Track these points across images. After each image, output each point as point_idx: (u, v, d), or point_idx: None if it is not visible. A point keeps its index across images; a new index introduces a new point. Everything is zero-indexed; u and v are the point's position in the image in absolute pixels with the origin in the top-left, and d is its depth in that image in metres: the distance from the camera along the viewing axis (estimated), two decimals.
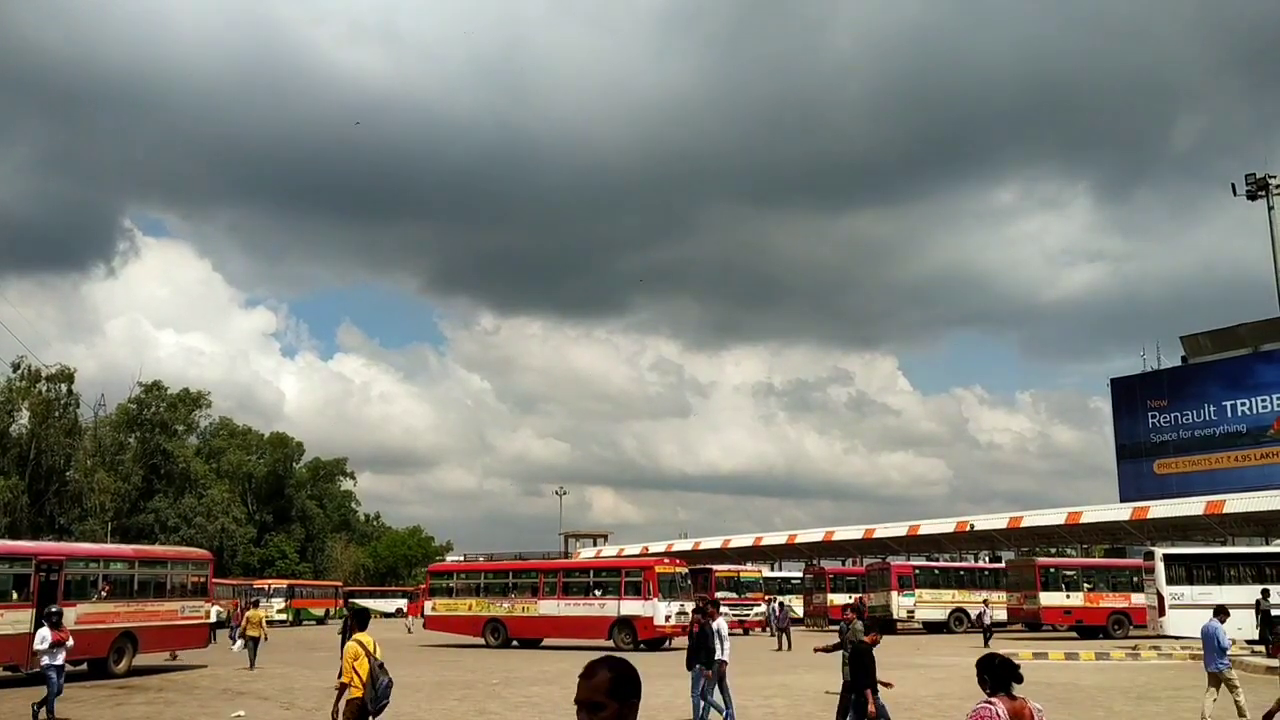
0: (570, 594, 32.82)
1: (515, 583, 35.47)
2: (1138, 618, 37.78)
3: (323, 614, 66.76)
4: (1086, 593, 38.63)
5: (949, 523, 55.80)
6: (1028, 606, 38.98)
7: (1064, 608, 38.51)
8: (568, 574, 35.24)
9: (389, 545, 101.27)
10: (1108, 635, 36.94)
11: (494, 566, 41.60)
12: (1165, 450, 55.27)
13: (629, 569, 33.85)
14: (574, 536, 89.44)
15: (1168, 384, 56.51)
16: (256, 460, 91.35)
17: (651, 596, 30.77)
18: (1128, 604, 38.25)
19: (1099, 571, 40.85)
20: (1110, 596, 38.71)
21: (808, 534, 64.39)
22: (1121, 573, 40.37)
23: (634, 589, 31.57)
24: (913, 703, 17.26)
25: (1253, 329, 51.90)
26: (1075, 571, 40.52)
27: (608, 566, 35.60)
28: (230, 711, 16.27)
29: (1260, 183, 28.19)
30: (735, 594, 42.20)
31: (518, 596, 34.32)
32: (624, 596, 31.65)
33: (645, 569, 32.62)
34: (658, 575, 31.68)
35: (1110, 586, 39.19)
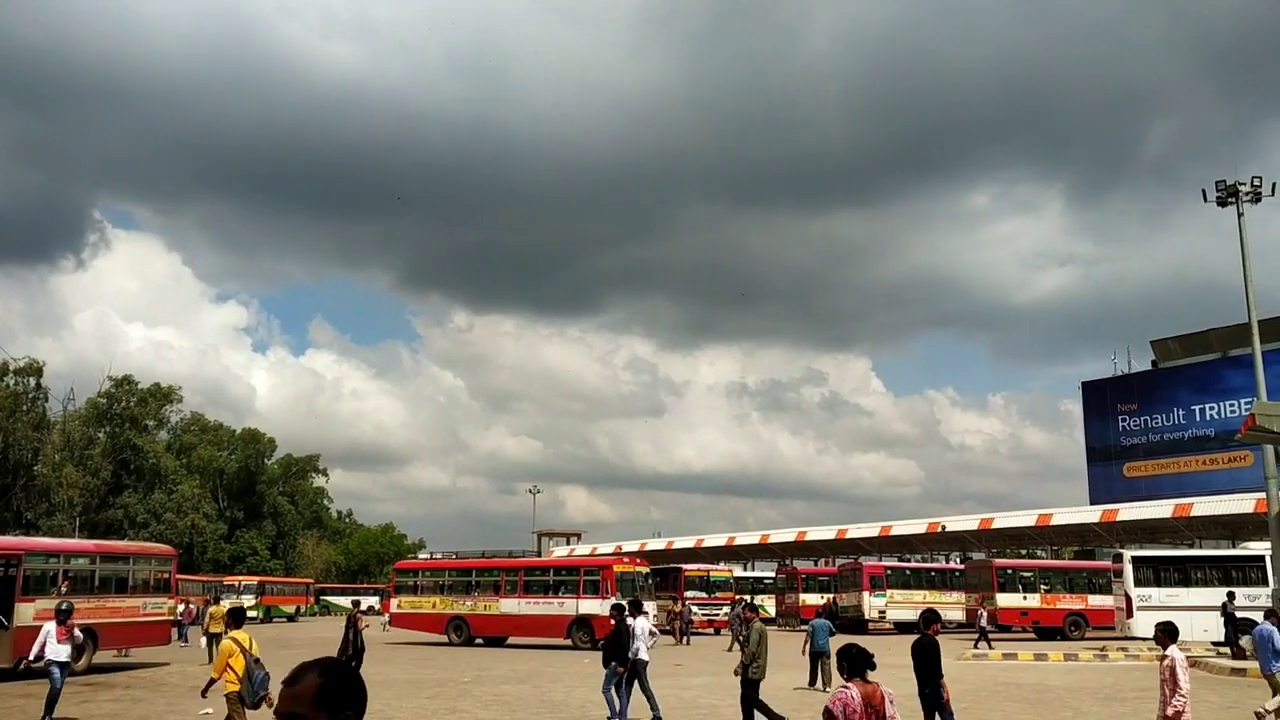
0: (531, 593, 32.83)
1: (478, 581, 35.63)
2: (1094, 619, 38.15)
3: (293, 611, 66.48)
4: (1043, 594, 38.88)
5: (921, 524, 56.08)
6: (985, 608, 39.27)
7: (1020, 609, 38.75)
8: (528, 573, 35.30)
9: (361, 543, 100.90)
10: (1064, 636, 37.17)
11: (458, 564, 41.64)
12: (1135, 453, 55.79)
13: (588, 568, 33.95)
14: (547, 535, 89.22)
15: (1138, 388, 57.06)
16: (228, 456, 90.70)
17: (609, 596, 30.68)
18: (1084, 605, 38.57)
19: (1056, 573, 41.10)
20: (1067, 598, 38.97)
21: (781, 534, 64.56)
22: (1079, 574, 40.70)
23: (592, 588, 31.60)
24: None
25: (1221, 335, 52.46)
26: (1032, 573, 40.75)
27: (567, 565, 35.69)
28: (198, 709, 16.14)
29: (1230, 190, 28.39)
30: (705, 593, 42.21)
31: (480, 595, 34.39)
32: (582, 595, 31.68)
33: (603, 568, 32.66)
34: (616, 575, 31.75)
35: (1067, 588, 39.48)
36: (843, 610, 45.11)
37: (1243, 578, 30.98)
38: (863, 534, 58.05)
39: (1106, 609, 38.59)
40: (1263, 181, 28.47)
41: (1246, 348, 29.69)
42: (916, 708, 11.55)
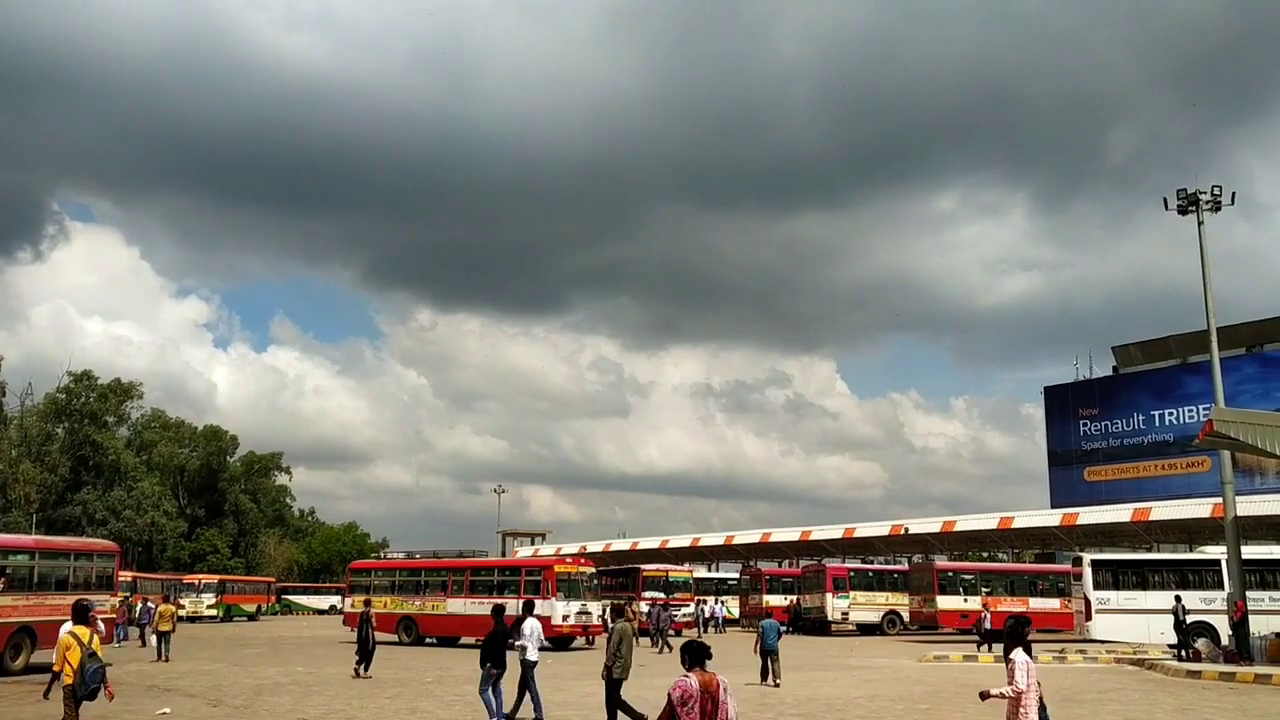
0: (476, 593, 32.74)
1: (427, 581, 35.74)
2: (1035, 621, 38.51)
3: (254, 610, 65.85)
4: (984, 597, 39.15)
5: (884, 526, 56.38)
6: (926, 610, 39.52)
7: (961, 611, 39.02)
8: (474, 573, 35.37)
9: (323, 541, 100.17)
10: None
11: (408, 564, 41.73)
12: (1095, 458, 56.37)
13: (529, 568, 33.87)
14: (512, 535, 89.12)
15: (1099, 393, 57.65)
16: (189, 453, 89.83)
17: (550, 596, 30.63)
18: (1025, 608, 38.88)
19: (997, 576, 41.46)
20: (1008, 600, 39.25)
21: (745, 535, 64.71)
22: (1020, 577, 41.12)
23: (533, 588, 31.49)
24: (845, 704, 17.41)
25: (1181, 341, 53.11)
26: (973, 576, 41.05)
27: (509, 566, 35.62)
28: (155, 709, 15.96)
29: (1191, 198, 28.72)
30: (663, 594, 42.17)
31: (428, 595, 34.41)
32: (523, 596, 31.59)
33: (545, 568, 32.57)
34: (556, 575, 31.64)
35: (1008, 591, 39.81)
36: (806, 611, 45.35)
37: (1199, 581, 31.37)
38: (827, 536, 58.29)
39: (1047, 611, 39.03)
40: (1223, 190, 28.80)
41: (1205, 354, 30.07)
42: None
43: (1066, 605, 39.39)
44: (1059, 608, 39.61)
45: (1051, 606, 39.62)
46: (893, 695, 18.87)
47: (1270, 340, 51.17)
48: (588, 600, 31.93)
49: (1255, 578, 30.04)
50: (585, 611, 31.30)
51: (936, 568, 41.02)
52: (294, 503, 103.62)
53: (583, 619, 30.98)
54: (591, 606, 31.78)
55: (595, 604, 32.28)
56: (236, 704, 16.88)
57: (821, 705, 17.15)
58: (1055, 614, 39.69)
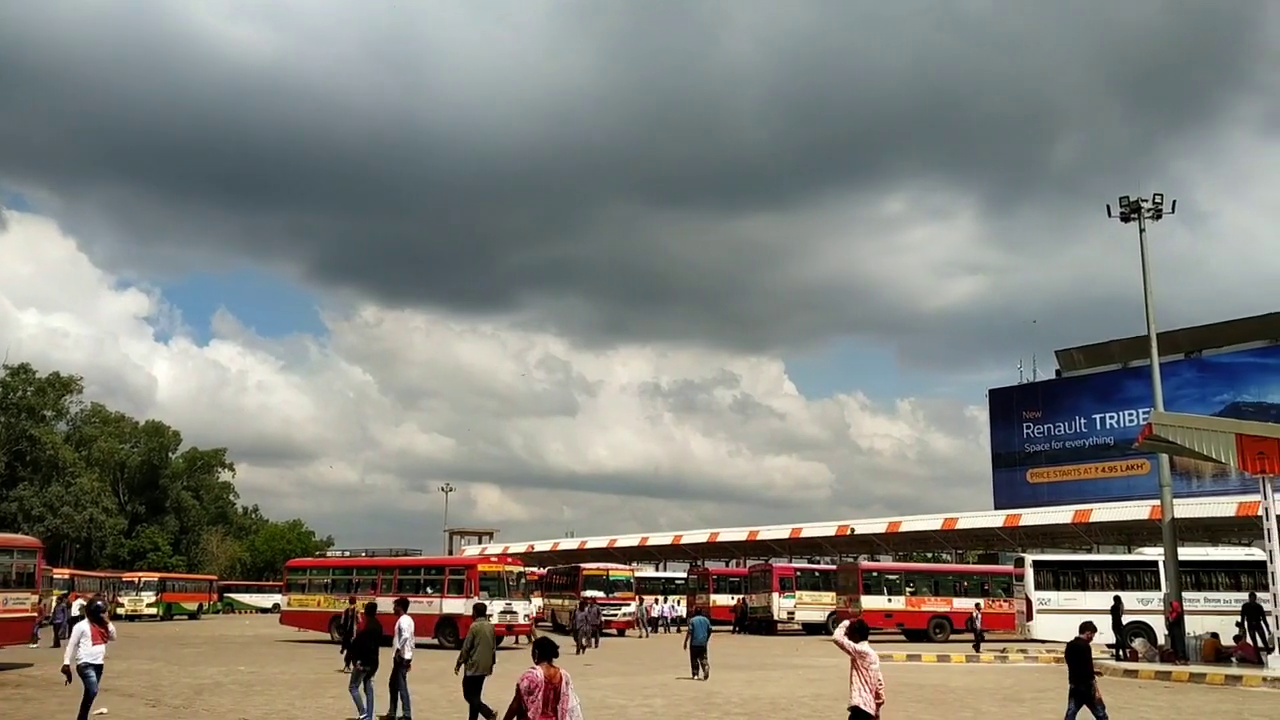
0: (403, 592, 32.52)
1: (358, 580, 35.53)
2: (958, 621, 38.98)
3: (195, 608, 64.92)
4: (909, 597, 39.49)
5: (830, 526, 56.83)
6: (851, 609, 39.82)
7: (885, 611, 39.35)
8: (402, 571, 35.18)
9: (267, 539, 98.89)
10: (928, 639, 37.75)
11: (342, 563, 41.47)
12: (1038, 460, 57.17)
13: (453, 567, 33.61)
14: (459, 534, 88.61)
15: (1042, 396, 58.47)
16: (130, 449, 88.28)
17: (473, 595, 30.47)
18: (949, 608, 39.35)
19: (922, 576, 41.82)
20: (932, 601, 39.67)
21: (693, 535, 64.92)
22: (944, 578, 41.56)
23: (456, 587, 31.38)
24: (789, 703, 17.51)
25: (1123, 346, 54.03)
26: (898, 576, 41.36)
27: (434, 564, 35.35)
28: (92, 709, 15.66)
29: (1133, 206, 29.26)
30: (604, 593, 42.13)
31: (359, 594, 34.12)
32: (447, 595, 31.43)
33: (468, 567, 32.39)
34: (480, 573, 31.50)
35: (933, 591, 40.18)
36: (753, 611, 45.55)
37: (1137, 582, 31.91)
38: (773, 536, 58.63)
39: (969, 612, 39.51)
40: (1164, 199, 29.37)
41: (1146, 359, 30.64)
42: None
43: (990, 605, 39.94)
44: (982, 608, 40.00)
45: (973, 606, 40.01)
46: (837, 694, 18.98)
47: (1208, 346, 52.22)
48: (514, 599, 31.74)
49: (1191, 579, 30.63)
50: (510, 611, 31.13)
51: (861, 568, 41.28)
52: (237, 500, 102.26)
53: (507, 618, 30.83)
54: (518, 606, 31.61)
55: (522, 603, 32.17)
56: (175, 704, 16.62)
57: (766, 704, 17.23)
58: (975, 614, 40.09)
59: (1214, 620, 27.50)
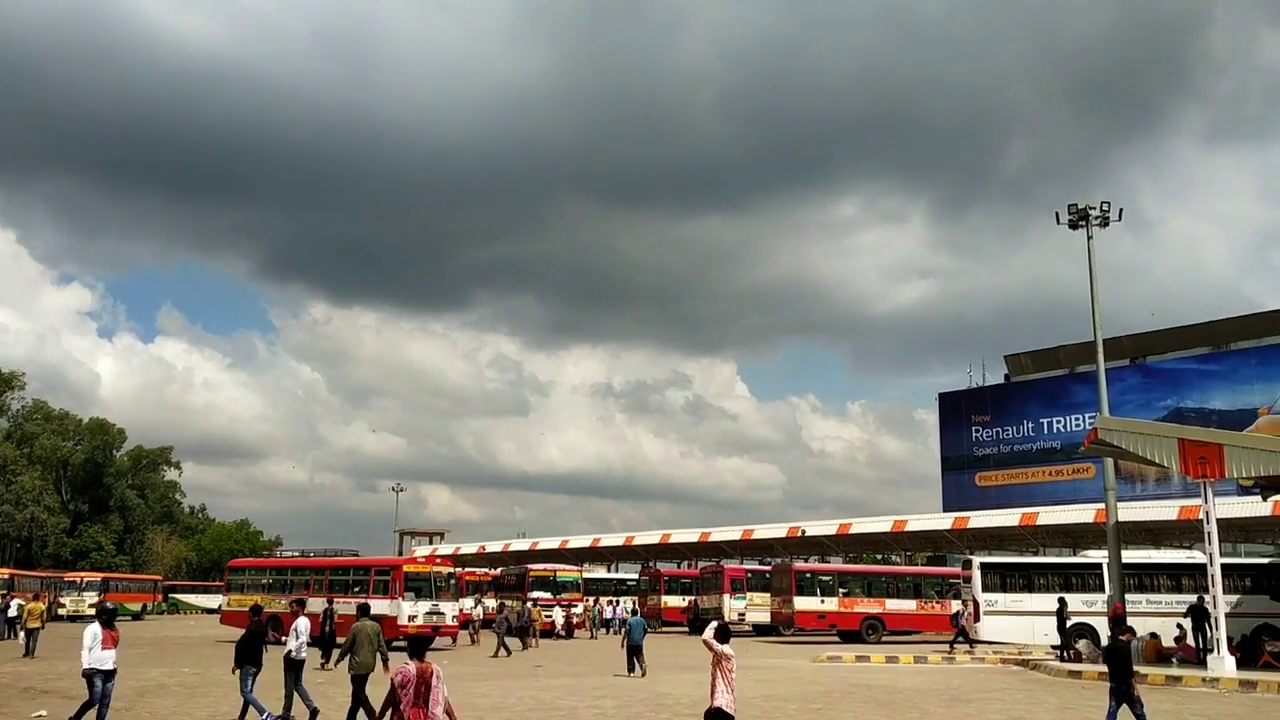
0: (334, 592, 32.33)
1: (292, 580, 35.35)
2: (890, 623, 39.29)
3: (139, 609, 63.90)
4: (841, 598, 39.67)
5: (781, 528, 57.05)
6: (784, 610, 39.98)
7: (818, 612, 39.50)
8: (333, 572, 34.86)
9: (214, 539, 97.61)
10: (861, 640, 37.97)
11: (279, 563, 41.09)
12: (986, 463, 57.93)
13: (379, 567, 33.30)
14: (409, 534, 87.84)
15: (991, 400, 59.25)
16: (73, 447, 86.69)
17: (397, 596, 30.33)
18: (882, 609, 39.56)
19: (855, 577, 41.95)
20: (865, 602, 39.81)
21: (645, 536, 64.90)
22: (877, 579, 41.84)
23: (382, 588, 31.17)
24: (740, 703, 17.51)
25: (1070, 351, 54.90)
26: (831, 577, 41.50)
27: (362, 565, 35.17)
28: (31, 711, 15.36)
29: (1081, 213, 29.67)
30: (551, 594, 41.97)
31: (293, 595, 33.85)
32: (372, 595, 31.30)
33: (393, 568, 32.18)
34: (405, 574, 31.35)
35: (865, 592, 40.39)
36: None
37: (1081, 584, 32.33)
38: (725, 537, 58.77)
39: (903, 613, 39.82)
40: (1111, 206, 29.80)
41: (1092, 365, 31.05)
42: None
43: (923, 606, 40.26)
44: (915, 609, 40.36)
45: (908, 608, 40.31)
46: (787, 695, 19.09)
47: (1152, 352, 53.20)
48: (443, 600, 31.59)
49: (1134, 581, 31.12)
50: (438, 612, 30.95)
51: (794, 569, 41.35)
52: (184, 499, 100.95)
53: (433, 619, 30.66)
54: (445, 606, 31.41)
55: (451, 604, 31.96)
56: (118, 706, 16.30)
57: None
58: (911, 615, 40.39)
59: (1156, 622, 27.94)
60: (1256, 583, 31.45)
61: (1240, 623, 27.04)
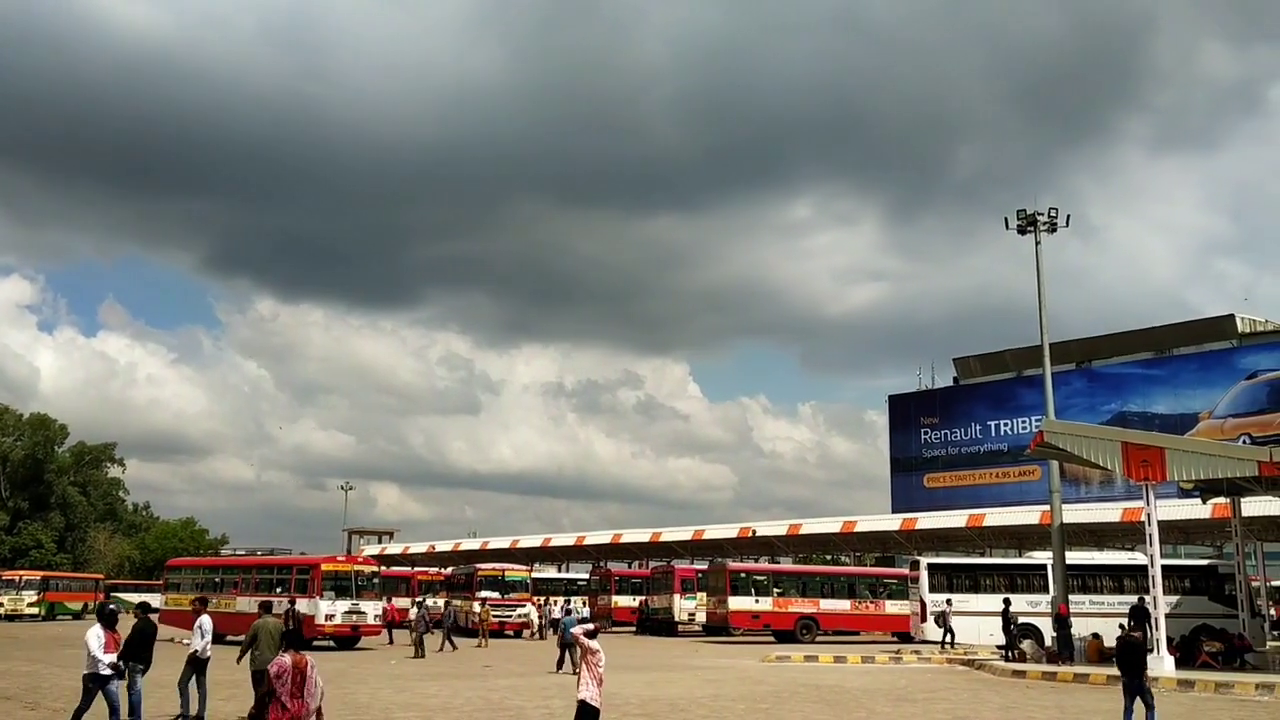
0: (259, 591, 32.15)
1: (223, 579, 35.27)
2: (825, 622, 39.55)
3: (80, 608, 62.74)
4: (776, 598, 39.88)
5: (732, 528, 57.27)
6: (719, 610, 40.10)
7: (752, 612, 39.68)
8: (259, 571, 34.81)
9: (158, 537, 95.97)
10: (795, 640, 38.18)
11: (212, 562, 40.84)
12: (935, 465, 58.55)
13: (300, 566, 33.19)
14: (358, 533, 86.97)
15: (940, 403, 59.91)
16: (13, 443, 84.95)
17: (315, 595, 30.18)
18: (816, 609, 39.83)
19: (789, 578, 42.21)
20: (799, 602, 40.05)
21: (596, 536, 64.84)
22: (812, 579, 42.13)
23: (302, 587, 31.08)
24: (688, 704, 17.58)
25: (1017, 355, 55.62)
26: (766, 577, 41.69)
27: (284, 564, 35.03)
28: None
29: (1030, 219, 30.10)
30: (499, 594, 41.78)
31: (223, 593, 33.79)
32: (293, 594, 31.14)
33: (312, 567, 32.09)
34: (323, 573, 31.26)
35: (800, 592, 40.62)
36: (654, 612, 45.68)
37: (1026, 585, 32.79)
38: (676, 537, 58.87)
39: (837, 613, 40.09)
40: (1058, 213, 30.26)
41: (1039, 368, 31.50)
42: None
43: (857, 606, 40.49)
44: (849, 609, 40.61)
45: (842, 608, 40.55)
46: (735, 695, 19.16)
47: (1098, 357, 54.05)
48: (365, 599, 31.48)
49: (1077, 582, 31.61)
50: (358, 611, 30.86)
51: (728, 569, 41.45)
52: (128, 496, 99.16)
53: (352, 618, 30.53)
54: (365, 606, 31.32)
55: (372, 603, 31.86)
56: (56, 707, 16.04)
57: (665, 705, 17.28)
58: (845, 615, 40.63)
59: (1098, 622, 28.37)
60: (1195, 584, 32.10)
61: (1180, 623, 27.54)
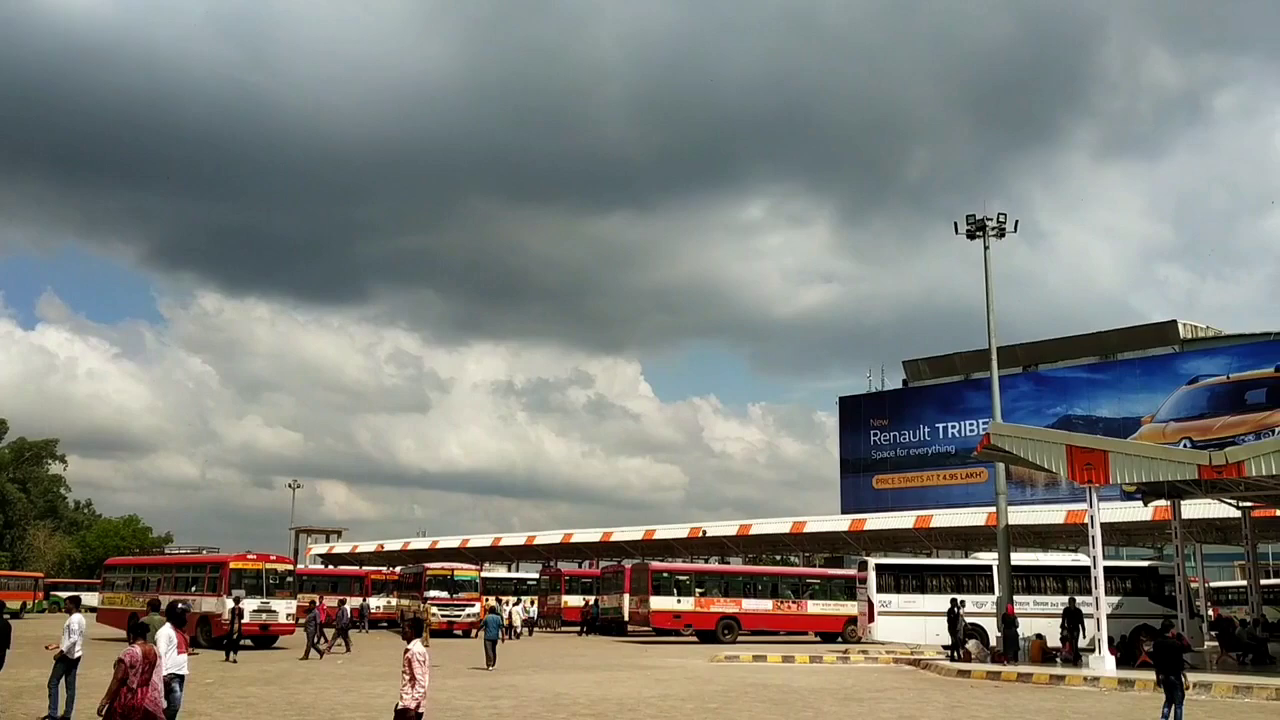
0: (178, 589, 31.87)
1: (152, 578, 35.00)
2: (746, 623, 39.71)
3: (19, 607, 61.49)
4: (698, 598, 40.01)
5: (683, 528, 57.43)
6: (642, 610, 40.15)
7: (674, 612, 39.74)
8: (178, 570, 34.75)
9: (100, 535, 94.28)
10: (716, 640, 38.29)
11: (143, 561, 40.46)
12: (884, 466, 59.00)
13: (212, 564, 32.93)
14: (305, 532, 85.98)
15: (889, 405, 60.37)
16: None
17: (223, 593, 29.99)
18: (738, 609, 39.97)
19: (712, 577, 42.35)
20: (721, 601, 40.17)
21: (547, 535, 64.73)
22: (735, 579, 42.34)
23: (211, 585, 30.93)
24: (637, 703, 17.59)
25: (965, 358, 56.23)
26: (688, 577, 41.78)
27: (199, 562, 34.80)
28: None
29: (979, 224, 30.47)
30: (447, 593, 41.52)
31: (152, 591, 33.34)
32: (205, 593, 30.86)
33: (221, 565, 31.84)
34: (233, 571, 30.98)
35: (723, 592, 40.75)
36: (604, 612, 45.61)
37: (972, 585, 33.17)
38: (627, 537, 58.92)
39: (759, 613, 40.23)
40: (1007, 218, 30.67)
41: (987, 371, 31.88)
42: None
43: (780, 606, 40.66)
44: (771, 609, 40.74)
45: (764, 608, 40.63)
46: (683, 695, 19.19)
47: (1044, 361, 54.78)
48: (277, 598, 31.31)
49: (1022, 583, 32.04)
50: (268, 610, 30.69)
51: (651, 569, 41.41)
52: (69, 494, 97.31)
53: (263, 617, 30.37)
54: (277, 605, 31.13)
55: (284, 603, 31.64)
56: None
57: (613, 705, 17.27)
58: (767, 615, 40.71)
59: (1042, 623, 28.78)
60: (1137, 585, 32.67)
61: (1121, 623, 28.01)
